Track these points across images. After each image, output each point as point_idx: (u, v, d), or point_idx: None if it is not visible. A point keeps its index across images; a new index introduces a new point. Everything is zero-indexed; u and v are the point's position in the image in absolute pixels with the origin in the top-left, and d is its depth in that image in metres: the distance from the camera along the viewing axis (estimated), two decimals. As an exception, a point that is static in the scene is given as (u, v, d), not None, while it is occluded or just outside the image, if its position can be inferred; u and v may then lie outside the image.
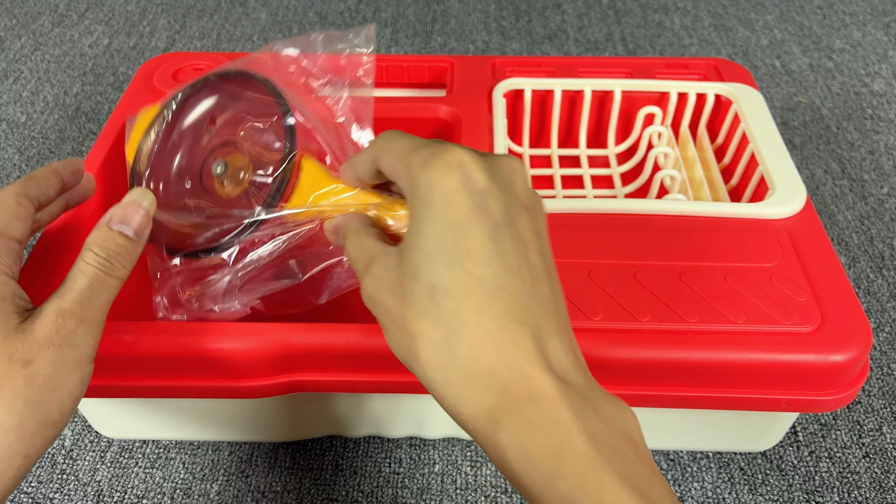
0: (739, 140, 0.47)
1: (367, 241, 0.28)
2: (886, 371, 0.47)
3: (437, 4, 0.88)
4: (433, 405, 0.40)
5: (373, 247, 0.27)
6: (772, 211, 0.39)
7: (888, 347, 0.49)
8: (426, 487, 0.41)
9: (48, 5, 0.83)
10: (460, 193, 0.24)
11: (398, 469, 0.42)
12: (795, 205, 0.39)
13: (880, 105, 0.70)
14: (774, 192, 0.40)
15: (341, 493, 0.41)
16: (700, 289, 0.35)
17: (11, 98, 0.70)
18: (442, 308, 0.23)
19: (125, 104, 0.46)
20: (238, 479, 0.41)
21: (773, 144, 0.44)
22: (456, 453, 0.43)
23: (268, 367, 0.34)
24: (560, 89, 0.49)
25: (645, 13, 0.86)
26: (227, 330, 0.33)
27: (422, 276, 0.24)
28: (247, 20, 0.85)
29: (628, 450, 0.22)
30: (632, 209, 0.39)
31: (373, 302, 0.26)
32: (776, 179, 0.41)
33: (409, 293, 0.24)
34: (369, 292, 0.26)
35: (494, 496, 0.41)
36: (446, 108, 0.47)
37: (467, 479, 0.42)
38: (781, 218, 0.39)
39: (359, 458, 0.42)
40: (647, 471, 0.22)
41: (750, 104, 0.47)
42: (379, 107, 0.46)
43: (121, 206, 0.30)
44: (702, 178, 0.46)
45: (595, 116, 0.52)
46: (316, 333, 0.33)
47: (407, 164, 0.25)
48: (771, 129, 0.45)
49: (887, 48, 0.78)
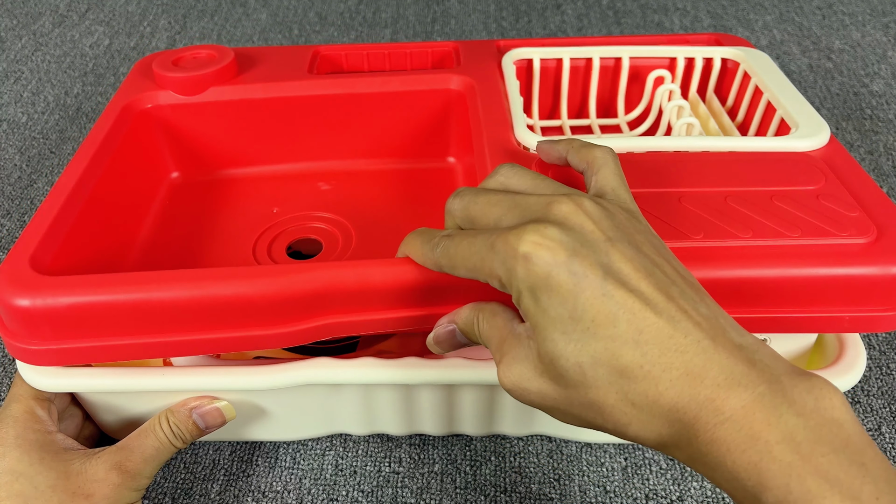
0: (752, 95, 0.46)
1: (499, 321, 0.28)
2: (886, 371, 0.47)
3: (437, 5, 0.88)
4: (435, 401, 0.40)
5: (504, 329, 0.28)
6: (800, 143, 0.39)
7: (888, 347, 0.49)
8: (426, 487, 0.41)
9: (49, 6, 0.83)
10: (552, 275, 0.24)
11: (398, 469, 0.42)
12: (822, 137, 0.39)
13: (879, 105, 0.70)
14: (799, 127, 0.40)
15: (341, 493, 0.41)
16: (749, 209, 0.34)
17: (12, 98, 0.70)
18: (599, 378, 0.24)
19: (123, 92, 0.46)
20: (238, 479, 0.41)
21: (788, 91, 0.43)
22: (456, 452, 0.43)
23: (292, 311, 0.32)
24: (569, 57, 0.49)
25: (644, 13, 0.87)
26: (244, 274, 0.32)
27: (563, 359, 0.24)
28: (247, 20, 0.85)
29: (832, 439, 0.21)
30: (665, 146, 0.39)
31: (521, 390, 0.26)
32: (798, 119, 0.40)
33: (560, 376, 0.25)
34: (512, 381, 0.27)
35: (494, 495, 0.41)
36: (459, 77, 0.46)
37: (467, 479, 0.42)
38: (811, 150, 0.39)
39: (359, 458, 0.42)
40: (856, 457, 0.21)
41: (758, 62, 0.47)
42: (385, 81, 0.46)
43: (207, 407, 0.36)
44: (717, 130, 0.46)
45: (605, 85, 0.51)
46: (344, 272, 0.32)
47: (489, 271, 0.26)
48: (783, 80, 0.44)
49: (886, 49, 0.78)
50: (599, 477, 0.42)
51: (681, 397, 0.23)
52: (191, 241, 0.44)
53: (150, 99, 0.46)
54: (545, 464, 0.42)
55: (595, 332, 0.24)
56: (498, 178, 0.30)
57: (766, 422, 0.22)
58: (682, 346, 0.23)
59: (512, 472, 0.42)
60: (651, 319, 0.23)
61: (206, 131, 0.47)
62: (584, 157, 0.32)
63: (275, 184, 0.48)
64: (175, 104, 0.46)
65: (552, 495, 0.41)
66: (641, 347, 0.23)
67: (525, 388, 0.26)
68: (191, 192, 0.48)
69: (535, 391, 0.26)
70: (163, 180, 0.48)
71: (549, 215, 0.26)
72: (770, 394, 0.22)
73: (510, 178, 0.30)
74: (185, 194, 0.47)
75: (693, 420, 0.23)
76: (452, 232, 0.29)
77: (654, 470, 0.41)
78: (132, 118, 0.45)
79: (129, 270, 0.40)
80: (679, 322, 0.23)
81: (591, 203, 0.26)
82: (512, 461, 0.42)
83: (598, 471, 0.42)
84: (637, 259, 0.25)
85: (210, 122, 0.47)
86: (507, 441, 0.43)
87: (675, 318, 0.23)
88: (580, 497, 0.41)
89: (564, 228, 0.25)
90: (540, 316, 0.24)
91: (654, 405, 0.23)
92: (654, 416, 0.23)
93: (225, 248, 0.43)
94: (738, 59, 0.48)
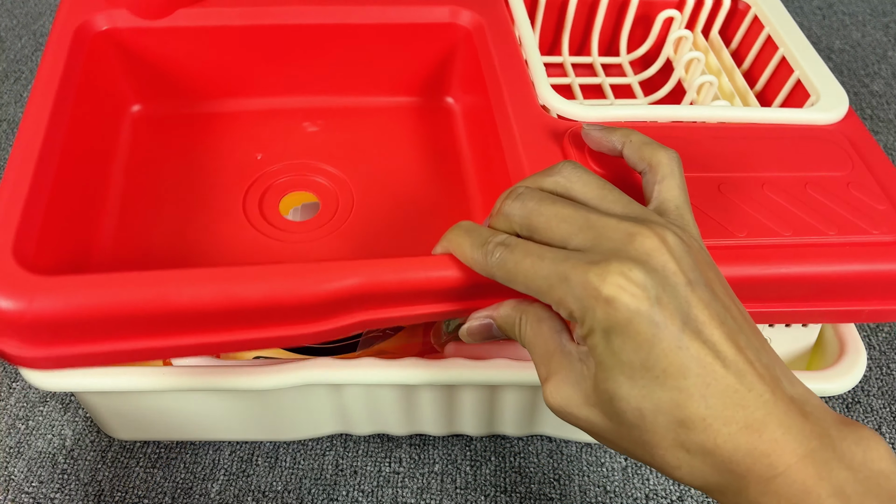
0: (762, 44, 0.45)
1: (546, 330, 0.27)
2: (886, 371, 0.47)
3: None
4: (439, 400, 0.40)
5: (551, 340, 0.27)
6: (823, 116, 0.38)
7: (888, 347, 0.49)
8: (426, 487, 0.41)
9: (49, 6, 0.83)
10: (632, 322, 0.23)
11: (398, 469, 0.42)
12: (842, 109, 0.38)
13: (880, 105, 0.70)
14: (820, 96, 0.39)
15: (341, 493, 0.41)
16: (785, 199, 0.34)
17: (12, 98, 0.70)
18: (658, 425, 0.24)
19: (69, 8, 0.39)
20: (238, 479, 0.41)
21: (805, 48, 0.42)
22: (456, 453, 0.43)
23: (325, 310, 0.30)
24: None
25: (645, 14, 0.86)
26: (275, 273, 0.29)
27: (624, 402, 0.24)
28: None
29: (879, 491, 0.22)
30: (691, 117, 0.38)
31: (567, 414, 0.26)
32: (817, 84, 0.40)
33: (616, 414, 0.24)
34: (559, 404, 0.26)
35: (494, 495, 0.41)
36: (465, 12, 0.42)
37: (467, 479, 0.42)
38: (832, 123, 0.38)
39: (359, 458, 0.42)
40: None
41: (771, 7, 0.45)
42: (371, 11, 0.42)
43: None
44: (730, 86, 0.45)
45: (610, 22, 0.49)
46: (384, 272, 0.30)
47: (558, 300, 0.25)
48: (798, 33, 0.43)
49: (887, 48, 0.78)
50: (599, 477, 0.42)
51: (738, 451, 0.23)
52: (169, 196, 0.39)
53: (105, 20, 0.39)
54: (545, 464, 0.42)
55: (664, 382, 0.23)
56: (558, 178, 0.28)
57: (817, 476, 0.22)
58: (745, 401, 0.23)
59: (512, 472, 0.42)
60: (720, 373, 0.23)
61: (173, 60, 0.41)
62: (645, 158, 0.30)
63: (255, 121, 0.43)
64: (135, 27, 0.39)
65: (552, 495, 0.41)
66: (707, 400, 0.23)
67: (572, 413, 0.26)
68: (158, 131, 0.42)
69: (583, 418, 0.25)
70: (124, 116, 0.42)
71: (630, 251, 0.24)
72: (821, 448, 0.23)
73: (574, 182, 0.28)
74: (151, 133, 0.42)
75: (746, 472, 0.23)
76: (509, 240, 0.27)
77: (654, 470, 0.41)
78: (87, 44, 0.38)
79: (109, 239, 0.37)
80: (745, 375, 0.23)
81: (674, 237, 0.25)
82: (512, 461, 0.42)
83: (598, 471, 0.42)
84: (713, 305, 0.24)
85: (177, 50, 0.41)
86: (508, 441, 0.43)
87: (741, 371, 0.23)
88: (580, 497, 0.41)
89: (648, 269, 0.24)
90: (608, 356, 0.24)
91: (709, 455, 0.23)
92: (706, 464, 0.23)
93: (212, 204, 0.39)
94: (749, 1, 0.47)
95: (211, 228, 0.38)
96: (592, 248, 0.25)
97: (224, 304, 0.28)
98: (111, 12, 0.39)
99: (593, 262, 0.24)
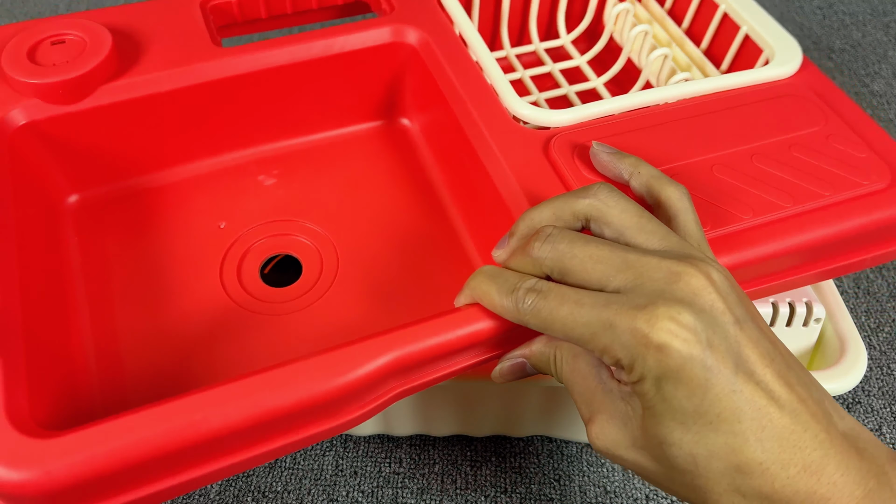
0: (699, 3, 0.44)
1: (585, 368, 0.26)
2: (886, 371, 0.47)
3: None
4: (442, 401, 0.40)
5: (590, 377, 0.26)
6: (781, 70, 0.38)
7: (888, 347, 0.49)
8: (426, 487, 0.41)
9: (48, 6, 0.83)
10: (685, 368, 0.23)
11: (398, 469, 0.42)
12: (797, 59, 0.38)
13: (880, 105, 0.70)
14: (775, 53, 0.39)
15: (341, 493, 0.41)
16: (777, 168, 0.34)
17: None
18: (712, 470, 0.23)
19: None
20: (238, 479, 0.41)
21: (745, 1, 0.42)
22: (456, 453, 0.43)
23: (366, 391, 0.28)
24: None
25: None
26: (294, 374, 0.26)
27: (676, 448, 0.23)
28: None
29: None
30: (661, 98, 0.36)
31: (615, 457, 0.26)
32: (767, 38, 0.39)
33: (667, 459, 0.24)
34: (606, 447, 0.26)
35: (494, 496, 0.41)
36: (414, 31, 0.39)
37: (467, 479, 0.42)
38: (790, 76, 0.38)
39: (359, 458, 0.42)
40: None
41: None
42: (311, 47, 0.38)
43: None
44: (685, 57, 0.44)
45: (546, 4, 0.48)
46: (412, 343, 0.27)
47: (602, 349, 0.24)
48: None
49: (887, 48, 0.78)
50: (600, 477, 0.42)
51: (797, 495, 0.22)
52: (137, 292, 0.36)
53: (21, 114, 0.35)
54: (545, 464, 0.42)
55: (717, 427, 0.23)
56: (593, 201, 0.27)
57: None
58: (801, 442, 0.23)
59: (512, 473, 0.42)
60: (775, 415, 0.23)
61: (105, 139, 0.38)
62: (653, 194, 0.29)
63: (207, 186, 0.40)
64: (56, 115, 0.35)
65: (552, 496, 0.41)
66: (763, 444, 0.23)
67: (619, 456, 0.25)
68: (103, 219, 0.38)
69: (631, 461, 0.25)
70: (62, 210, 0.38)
71: (676, 291, 0.23)
72: (878, 488, 0.22)
73: (611, 207, 0.26)
74: (95, 223, 0.38)
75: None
76: (540, 284, 0.25)
77: (654, 470, 0.42)
78: (6, 142, 0.35)
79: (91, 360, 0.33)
80: (799, 416, 0.23)
81: (718, 274, 0.24)
82: (512, 461, 0.42)
83: (598, 471, 0.42)
84: (762, 343, 0.24)
85: (108, 128, 0.37)
86: (508, 441, 0.43)
87: (796, 411, 0.23)
88: (580, 497, 0.41)
89: (696, 310, 0.23)
90: (660, 403, 0.23)
91: (766, 500, 0.23)
92: None
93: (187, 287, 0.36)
94: None
95: (194, 317, 0.35)
96: (634, 290, 0.24)
97: (256, 418, 0.26)
98: (25, 103, 0.35)
99: (639, 307, 0.23)
